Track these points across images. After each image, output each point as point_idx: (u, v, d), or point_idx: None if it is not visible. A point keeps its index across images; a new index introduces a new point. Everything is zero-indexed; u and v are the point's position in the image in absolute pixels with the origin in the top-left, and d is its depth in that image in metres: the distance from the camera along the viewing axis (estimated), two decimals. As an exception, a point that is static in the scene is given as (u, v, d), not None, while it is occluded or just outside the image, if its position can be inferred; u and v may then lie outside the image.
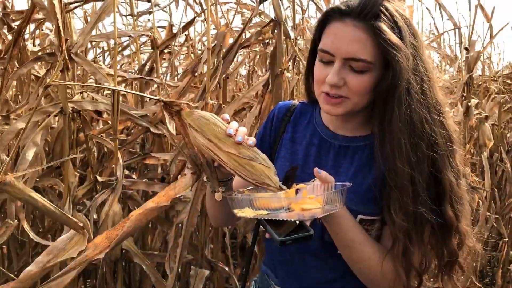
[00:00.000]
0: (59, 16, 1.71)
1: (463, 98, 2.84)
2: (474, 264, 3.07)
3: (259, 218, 0.96)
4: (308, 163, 1.18)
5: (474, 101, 3.02)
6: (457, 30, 3.02)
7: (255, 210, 0.96)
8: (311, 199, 0.95)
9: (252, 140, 1.01)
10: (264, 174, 0.99)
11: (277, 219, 0.94)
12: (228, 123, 1.02)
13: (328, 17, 1.08)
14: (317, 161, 1.18)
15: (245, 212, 0.96)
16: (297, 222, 0.94)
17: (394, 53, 1.01)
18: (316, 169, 1.00)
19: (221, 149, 1.00)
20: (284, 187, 0.99)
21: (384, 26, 1.01)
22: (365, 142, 1.15)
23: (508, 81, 4.43)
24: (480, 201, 2.94)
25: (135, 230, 1.08)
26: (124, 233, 0.98)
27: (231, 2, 3.00)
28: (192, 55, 3.76)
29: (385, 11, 1.02)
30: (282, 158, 1.23)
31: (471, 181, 2.81)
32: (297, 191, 0.99)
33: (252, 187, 1.04)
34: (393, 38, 1.01)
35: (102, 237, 1.01)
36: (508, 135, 3.96)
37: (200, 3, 2.51)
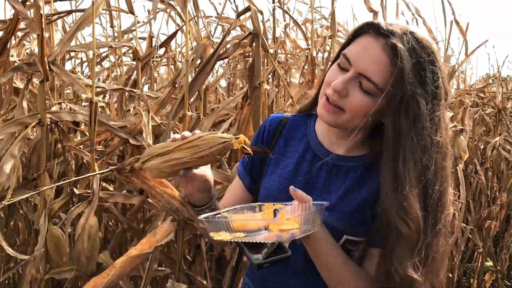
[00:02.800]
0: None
1: (439, 112, 2.89)
2: (451, 275, 3.11)
3: (236, 241, 0.94)
4: (297, 178, 1.17)
5: (449, 114, 3.08)
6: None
7: (232, 232, 0.94)
8: (288, 220, 0.94)
9: (187, 132, 1.05)
10: (217, 138, 1.02)
11: (255, 241, 0.93)
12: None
13: (366, 28, 1.06)
14: (307, 177, 1.16)
15: (222, 235, 0.94)
16: (276, 243, 0.94)
17: (414, 94, 0.99)
18: (291, 188, 0.98)
19: (172, 151, 1.03)
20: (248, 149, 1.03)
21: (412, 63, 0.99)
22: (359, 163, 1.14)
23: (481, 95, 4.54)
24: (455, 212, 2.99)
25: (120, 277, 1.09)
26: (109, 281, 1.00)
27: (212, 16, 3.01)
28: (172, 66, 3.75)
29: (420, 49, 1.01)
30: (273, 172, 1.22)
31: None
32: (275, 212, 0.99)
33: (229, 208, 1.05)
34: (415, 79, 0.99)
35: (89, 285, 1.02)
36: (482, 147, 4.05)
37: (180, 15, 2.51)
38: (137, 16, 2.45)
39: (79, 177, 2.35)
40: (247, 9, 2.05)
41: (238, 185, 1.31)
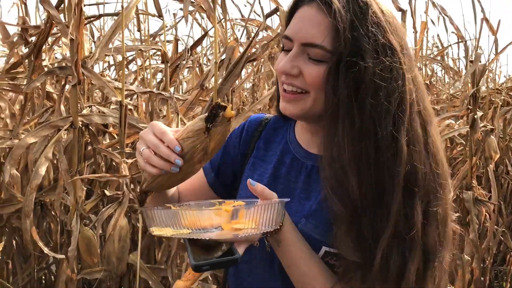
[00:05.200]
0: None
1: (469, 111, 2.85)
2: (482, 278, 3.05)
3: (179, 237, 0.82)
4: (276, 185, 1.03)
5: (479, 114, 3.02)
6: (461, 43, 3.04)
7: (178, 228, 0.82)
8: (241, 216, 0.82)
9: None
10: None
11: (203, 239, 0.80)
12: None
13: (298, 3, 0.96)
14: (286, 183, 1.03)
15: (163, 231, 0.83)
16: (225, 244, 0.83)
17: (357, 49, 0.88)
18: (249, 181, 0.87)
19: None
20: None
21: (350, 15, 0.88)
22: None
23: (512, 94, 4.44)
24: (487, 214, 2.93)
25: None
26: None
27: (237, 19, 3.02)
28: (197, 69, 3.77)
29: (356, 2, 0.90)
30: (249, 177, 1.04)
31: (478, 194, 2.81)
32: (234, 209, 0.85)
33: (184, 203, 0.95)
34: (360, 30, 0.88)
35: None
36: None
37: (209, 18, 2.53)
38: (164, 21, 2.47)
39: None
40: (276, 10, 2.05)
41: (200, 177, 1.14)
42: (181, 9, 3.04)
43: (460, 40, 3.15)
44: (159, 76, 3.76)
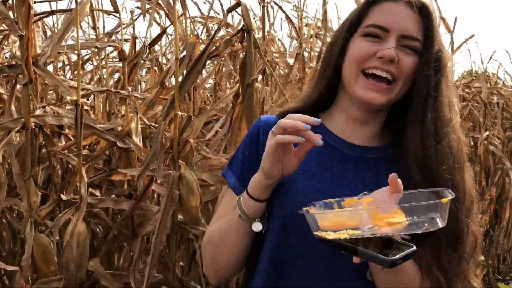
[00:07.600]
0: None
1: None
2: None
3: (352, 238, 0.82)
4: (323, 172, 1.04)
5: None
6: None
7: (335, 231, 0.83)
8: (394, 213, 0.82)
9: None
10: None
11: (369, 237, 0.82)
12: None
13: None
14: (332, 170, 1.04)
15: (331, 235, 0.82)
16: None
17: (441, 45, 1.03)
18: (393, 175, 0.87)
19: None
20: None
21: (433, 17, 1.02)
22: (385, 154, 1.06)
23: (467, 90, 4.56)
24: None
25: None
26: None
27: (197, 17, 2.95)
28: (156, 68, 3.68)
29: (431, 10, 1.03)
30: (291, 180, 1.03)
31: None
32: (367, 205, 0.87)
33: (305, 208, 0.91)
34: (438, 31, 1.03)
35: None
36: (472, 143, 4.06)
37: (167, 15, 2.45)
38: (121, 18, 2.38)
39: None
40: (237, 4, 2.00)
41: (232, 202, 1.07)
42: (137, 7, 2.95)
43: None
44: (116, 76, 3.65)
